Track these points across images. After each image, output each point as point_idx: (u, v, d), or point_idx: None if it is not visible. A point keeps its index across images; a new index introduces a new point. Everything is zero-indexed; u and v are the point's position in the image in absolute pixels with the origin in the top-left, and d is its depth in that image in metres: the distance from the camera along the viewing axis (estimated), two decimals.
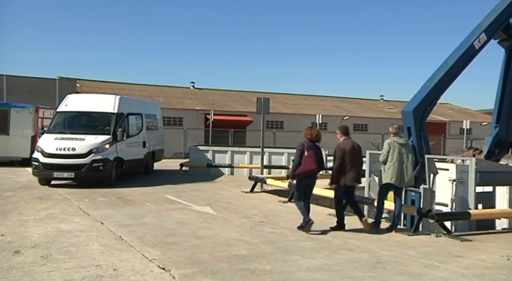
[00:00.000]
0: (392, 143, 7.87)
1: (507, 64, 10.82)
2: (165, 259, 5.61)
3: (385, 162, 7.90)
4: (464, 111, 46.86)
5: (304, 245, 6.45)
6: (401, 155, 7.81)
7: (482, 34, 9.65)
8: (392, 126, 8.18)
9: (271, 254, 5.94)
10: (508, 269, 5.46)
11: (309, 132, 7.95)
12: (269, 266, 5.38)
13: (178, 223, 7.95)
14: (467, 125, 29.08)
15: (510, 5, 10.07)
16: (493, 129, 11.15)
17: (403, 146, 7.91)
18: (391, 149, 7.83)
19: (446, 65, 9.61)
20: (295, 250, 6.16)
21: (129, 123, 13.70)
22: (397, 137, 8.00)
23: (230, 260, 5.58)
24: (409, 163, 7.90)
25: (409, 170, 7.88)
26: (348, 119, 36.61)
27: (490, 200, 8.64)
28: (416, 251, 6.28)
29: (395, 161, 7.76)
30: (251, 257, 5.77)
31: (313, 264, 5.50)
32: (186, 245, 6.31)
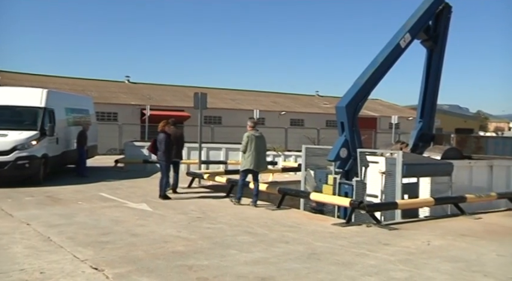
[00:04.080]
0: (250, 136, 9.36)
1: (428, 63, 11.59)
2: (98, 258, 5.41)
3: (245, 151, 9.37)
4: (393, 107, 49.43)
5: (242, 240, 6.51)
6: (257, 146, 9.33)
7: (407, 34, 10.26)
8: (251, 121, 9.70)
9: (209, 249, 5.93)
10: (428, 254, 5.87)
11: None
12: (207, 261, 5.37)
13: (113, 221, 7.69)
14: (396, 120, 30.72)
15: (429, 9, 10.82)
16: (417, 123, 11.90)
17: (259, 139, 9.42)
18: (249, 141, 9.31)
19: (376, 62, 10.10)
20: (233, 245, 6.20)
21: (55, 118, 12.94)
22: (254, 131, 9.49)
23: (167, 257, 5.50)
24: (263, 152, 9.62)
25: (263, 158, 9.64)
26: (285, 114, 37.30)
27: (415, 191, 9.22)
28: (349, 241, 6.55)
29: (253, 150, 9.27)
30: (188, 253, 5.72)
31: (250, 258, 5.57)
32: (121, 244, 6.12)
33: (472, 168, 10.61)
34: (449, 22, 11.50)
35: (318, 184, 10.41)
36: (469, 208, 9.02)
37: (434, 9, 11.08)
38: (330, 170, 10.17)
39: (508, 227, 7.80)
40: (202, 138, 13.87)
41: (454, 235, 7.07)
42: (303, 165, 11.09)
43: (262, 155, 9.50)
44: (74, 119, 14.85)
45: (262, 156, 9.54)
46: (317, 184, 10.46)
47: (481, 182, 10.54)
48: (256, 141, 9.34)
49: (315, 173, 10.70)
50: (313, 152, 11.11)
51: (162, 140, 10.15)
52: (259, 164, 9.40)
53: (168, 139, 10.20)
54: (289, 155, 20.19)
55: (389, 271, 5.08)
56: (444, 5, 11.26)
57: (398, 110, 45.50)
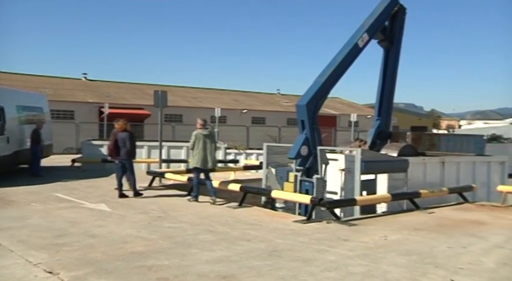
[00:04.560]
0: (198, 134, 9.52)
1: (385, 63, 11.95)
2: (53, 261, 5.21)
3: (193, 149, 9.56)
4: (352, 105, 50.55)
5: (204, 238, 6.47)
6: (205, 144, 9.49)
7: (364, 34, 10.53)
8: (199, 120, 9.77)
9: (170, 249, 5.86)
10: (385, 248, 6.05)
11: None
12: (167, 261, 5.30)
13: (69, 222, 7.44)
14: (355, 118, 31.46)
15: (385, 10, 11.15)
16: (375, 122, 12.24)
17: (207, 137, 9.57)
18: (197, 140, 9.50)
19: (335, 61, 10.29)
20: (194, 244, 6.15)
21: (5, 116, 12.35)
22: (202, 129, 9.61)
23: (126, 258, 5.39)
24: (212, 150, 9.67)
25: (212, 156, 9.67)
26: (247, 113, 37.37)
27: (373, 187, 9.49)
28: (310, 238, 6.65)
29: (201, 149, 9.44)
30: (148, 253, 5.63)
31: (212, 256, 5.54)
32: (78, 246, 5.94)
33: (426, 164, 11.02)
34: (404, 23, 11.89)
35: (279, 182, 10.50)
36: (423, 202, 9.37)
37: (390, 11, 11.43)
38: (291, 168, 10.28)
39: (457, 220, 8.16)
40: (163, 136, 13.68)
41: (409, 229, 7.32)
42: (264, 163, 11.15)
43: (210, 153, 9.63)
44: (26, 117, 14.23)
45: (211, 154, 9.65)
46: (278, 181, 10.55)
47: (434, 177, 10.98)
48: (205, 139, 9.51)
49: (276, 171, 10.78)
50: (275, 150, 11.19)
51: (127, 139, 10.03)
52: (206, 162, 9.57)
53: (132, 137, 10.16)
54: (251, 153, 20.26)
55: (348, 266, 5.20)
56: (399, 7, 11.62)
57: (358, 109, 46.57)
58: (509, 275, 4.97)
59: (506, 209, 9.48)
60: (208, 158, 9.58)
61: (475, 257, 5.68)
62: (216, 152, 9.95)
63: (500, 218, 8.47)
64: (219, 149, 18.66)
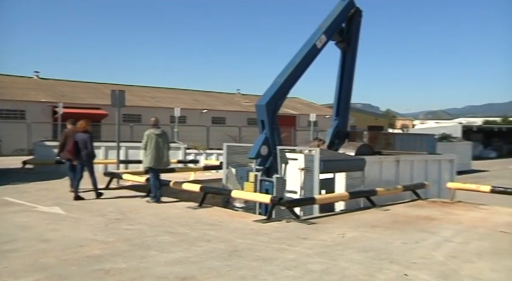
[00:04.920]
0: (150, 134, 9.54)
1: (342, 64, 12.20)
2: (0, 269, 4.97)
3: (146, 149, 9.55)
4: (311, 106, 51.33)
5: (163, 240, 6.37)
6: (158, 144, 9.52)
7: (322, 35, 10.71)
8: (151, 120, 9.89)
9: (128, 251, 5.73)
10: (343, 245, 6.19)
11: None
12: (125, 264, 5.18)
13: (19, 227, 7.12)
14: (314, 118, 31.93)
15: (342, 12, 11.40)
16: (333, 121, 12.47)
17: (160, 136, 9.61)
18: (149, 139, 9.52)
19: (294, 61, 10.41)
20: (153, 246, 6.04)
21: None
22: (155, 129, 9.65)
23: (81, 262, 5.22)
24: (165, 150, 9.69)
25: (165, 155, 9.70)
26: (207, 113, 37.16)
27: (331, 186, 9.68)
28: (269, 237, 6.69)
29: (154, 148, 9.48)
30: (105, 256, 5.48)
31: (171, 258, 5.47)
32: (29, 251, 5.69)
33: (382, 163, 11.36)
34: (360, 25, 12.19)
35: (239, 182, 10.50)
36: (379, 200, 9.65)
37: (347, 13, 11.69)
38: (251, 168, 10.31)
39: (411, 217, 8.46)
40: (121, 137, 13.36)
41: (366, 226, 7.52)
42: (224, 163, 11.12)
43: (163, 152, 9.67)
44: None
45: (163, 153, 9.69)
46: (238, 181, 10.55)
47: (389, 175, 11.33)
48: (157, 139, 9.55)
49: (236, 171, 10.77)
50: (235, 150, 11.18)
51: (88, 140, 9.85)
52: (159, 161, 9.60)
53: (92, 139, 10.00)
54: (211, 153, 20.16)
55: (307, 264, 5.28)
56: (355, 9, 11.91)
57: (317, 109, 47.33)
58: (457, 268, 5.20)
59: (455, 205, 9.92)
60: (161, 158, 9.62)
61: (426, 251, 5.91)
62: (168, 151, 9.98)
63: (450, 213, 8.86)
64: (178, 149, 18.47)
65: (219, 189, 10.48)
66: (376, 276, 4.88)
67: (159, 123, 10.05)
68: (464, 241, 6.53)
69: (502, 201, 10.76)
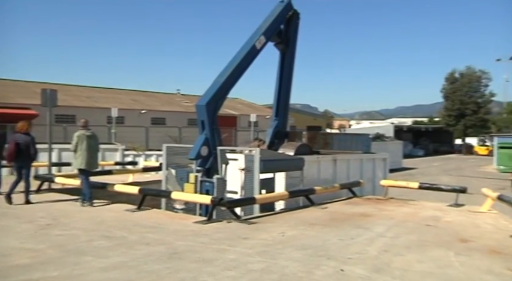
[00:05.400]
0: (80, 135, 9.42)
1: (281, 65, 12.42)
2: None
3: (76, 151, 9.43)
4: (252, 106, 51.76)
5: (98, 245, 6.13)
6: (88, 145, 9.42)
7: (261, 36, 10.83)
8: (81, 121, 9.78)
9: (59, 258, 5.45)
10: (282, 244, 6.29)
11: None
12: (56, 272, 4.92)
13: None
14: (254, 118, 32.22)
15: (280, 14, 11.61)
16: (273, 122, 12.64)
17: (90, 138, 9.52)
18: (80, 140, 9.40)
19: (234, 62, 10.43)
20: (88, 251, 5.80)
21: None
22: (85, 130, 9.53)
23: (7, 273, 4.88)
24: (95, 151, 9.69)
25: (95, 157, 9.69)
26: (146, 113, 36.30)
27: (271, 185, 9.81)
28: (210, 238, 6.66)
29: (84, 150, 9.37)
30: (35, 265, 5.17)
31: (107, 263, 5.27)
32: None
33: (320, 162, 11.69)
34: (298, 27, 12.47)
35: (179, 183, 10.35)
36: (317, 198, 9.92)
37: (285, 15, 11.91)
38: (191, 169, 10.20)
39: (347, 214, 8.79)
40: (54, 138, 12.69)
41: (305, 224, 7.70)
42: (164, 164, 10.91)
43: (93, 154, 9.61)
44: None
45: (94, 155, 9.65)
46: (178, 182, 10.40)
47: (327, 174, 11.69)
48: (87, 140, 9.43)
49: (176, 172, 10.61)
50: (175, 150, 11.00)
51: (30, 142, 9.40)
52: (90, 163, 9.50)
53: (34, 140, 9.60)
54: (151, 154, 19.73)
55: (248, 264, 5.31)
56: (293, 12, 12.17)
57: (257, 109, 47.80)
58: (388, 261, 5.47)
59: (388, 202, 10.44)
60: (92, 160, 9.54)
61: (361, 247, 6.16)
62: (98, 153, 9.95)
63: (383, 210, 9.30)
64: (116, 150, 17.89)
65: (159, 191, 10.27)
66: (314, 272, 5.02)
67: (89, 125, 9.76)
68: (395, 236, 6.88)
69: (428, 196, 11.49)
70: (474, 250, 6.02)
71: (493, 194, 8.98)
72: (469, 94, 63.59)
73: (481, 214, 8.77)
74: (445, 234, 7.01)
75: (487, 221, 8.06)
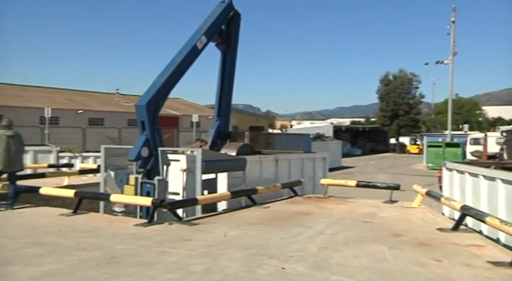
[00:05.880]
0: (0, 135, 9.12)
1: (223, 65, 12.42)
2: None
3: None
4: (194, 106, 51.33)
5: (29, 253, 5.79)
6: (9, 146, 9.13)
7: (202, 36, 10.77)
8: (3, 120, 9.46)
9: None
10: (225, 245, 6.29)
11: None
12: None
13: None
14: (196, 119, 32.02)
15: (221, 14, 11.61)
16: (215, 122, 12.60)
17: (12, 138, 9.23)
18: (0, 141, 9.08)
19: (175, 62, 10.29)
20: (17, 260, 5.45)
21: None
22: (6, 130, 9.24)
23: None
24: (17, 152, 9.37)
25: (17, 158, 9.39)
26: (83, 113, 34.86)
27: (213, 186, 9.78)
28: (151, 240, 6.51)
29: (4, 150, 9.06)
30: None
31: (38, 272, 4.99)
32: None
33: (262, 162, 11.80)
34: (239, 28, 12.52)
35: (118, 185, 10.04)
36: (260, 198, 10.02)
37: (226, 15, 11.91)
38: (131, 170, 9.93)
39: (289, 213, 8.95)
40: None
41: (247, 224, 7.75)
42: (102, 166, 10.53)
43: (16, 155, 9.31)
44: None
45: (16, 156, 9.35)
46: (118, 185, 10.09)
47: (269, 174, 11.83)
48: (8, 140, 9.16)
49: (115, 174, 10.28)
50: (114, 152, 10.66)
51: None
52: (11, 164, 9.20)
53: None
54: (88, 156, 18.95)
55: (190, 266, 5.26)
56: (234, 12, 12.20)
57: (199, 109, 47.47)
58: (327, 257, 5.64)
59: (327, 200, 10.76)
60: (14, 161, 9.23)
61: (302, 245, 6.31)
62: (23, 155, 9.71)
63: (323, 208, 9.58)
64: (50, 152, 17.00)
65: (96, 193, 9.90)
66: (256, 272, 5.06)
67: (20, 125, 9.28)
68: (334, 233, 7.11)
69: (365, 194, 11.99)
70: (405, 244, 6.36)
71: (422, 190, 9.52)
72: (402, 96, 67.02)
73: (412, 209, 9.27)
74: (380, 229, 7.34)
75: (417, 215, 8.54)
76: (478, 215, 6.85)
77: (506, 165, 10.39)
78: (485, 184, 8.25)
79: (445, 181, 10.80)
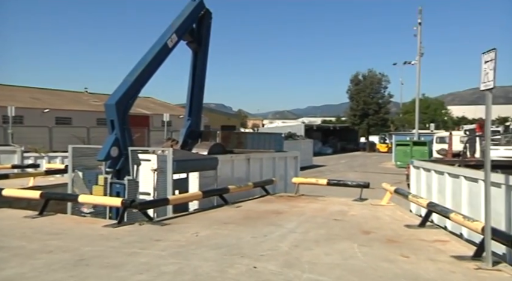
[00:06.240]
0: None
1: (194, 64, 12.32)
2: None
3: None
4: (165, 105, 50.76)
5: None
6: None
7: (173, 35, 10.66)
8: None
9: None
10: (196, 244, 6.25)
11: None
12: None
13: None
14: (168, 118, 31.68)
15: (192, 12, 11.53)
16: (186, 121, 12.50)
17: None
18: None
19: (145, 60, 10.15)
20: None
21: None
22: None
23: None
24: None
25: None
26: (49, 112, 33.91)
27: (185, 186, 9.70)
28: (121, 241, 6.40)
29: None
30: None
31: (0, 277, 4.83)
32: None
33: (234, 161, 11.79)
34: (211, 27, 12.46)
35: (87, 186, 9.84)
36: (231, 197, 10.00)
37: (197, 13, 11.83)
38: (100, 171, 9.74)
39: (260, 212, 8.97)
40: None
41: (219, 224, 7.72)
42: (70, 166, 10.29)
43: None
44: None
45: None
46: (86, 185, 9.89)
47: (241, 173, 11.83)
48: None
49: (83, 174, 10.07)
50: (82, 152, 10.44)
51: None
52: None
53: None
54: (55, 156, 18.49)
55: (160, 266, 5.20)
56: (205, 10, 12.13)
57: (170, 108, 46.97)
58: (299, 256, 5.69)
59: (299, 198, 10.86)
60: None
61: (273, 243, 6.34)
62: None
63: (294, 206, 9.65)
64: (14, 153, 16.47)
65: (64, 194, 9.66)
66: (227, 271, 5.05)
67: None
68: (305, 231, 7.18)
69: (336, 192, 12.15)
70: (374, 241, 6.48)
71: (391, 188, 9.74)
72: (371, 95, 68.35)
73: (381, 206, 9.47)
74: (350, 227, 7.46)
75: (386, 213, 8.73)
76: (443, 212, 7.07)
77: (469, 162, 10.74)
78: (450, 181, 8.51)
79: (413, 178, 11.08)
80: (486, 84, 5.30)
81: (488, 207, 5.35)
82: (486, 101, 5.42)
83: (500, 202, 6.33)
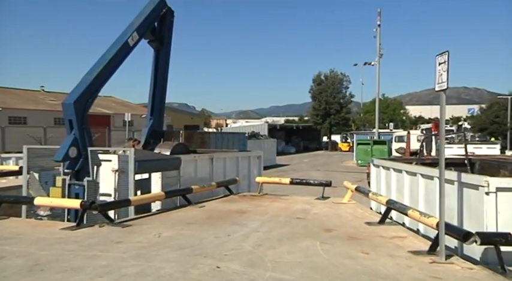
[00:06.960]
0: None
1: (156, 63, 12.13)
2: None
3: None
4: (127, 105, 49.71)
5: None
6: None
7: (134, 33, 10.45)
8: None
9: None
10: (158, 246, 6.17)
11: None
12: None
13: None
14: (129, 118, 31.07)
15: (154, 10, 11.35)
16: (148, 121, 12.30)
17: None
18: None
19: (105, 59, 9.90)
20: None
21: None
22: None
23: None
24: None
25: None
26: (2, 111, 32.48)
27: (147, 186, 9.54)
28: (80, 244, 6.23)
29: None
30: None
31: None
32: None
33: (197, 161, 11.70)
34: (173, 25, 12.29)
35: (43, 187, 9.49)
36: (195, 197, 9.93)
37: (159, 12, 11.65)
38: (58, 171, 9.43)
39: (224, 212, 8.96)
40: None
41: (182, 224, 7.65)
42: (24, 168, 9.89)
43: None
44: None
45: None
46: (43, 187, 9.54)
47: (204, 173, 11.75)
48: None
49: (39, 175, 9.71)
50: (38, 152, 10.07)
51: None
52: None
53: None
54: (8, 157, 17.73)
55: (121, 269, 5.09)
56: (167, 9, 11.96)
57: (132, 108, 46.05)
58: (262, 255, 5.72)
59: (262, 198, 10.91)
60: None
61: (237, 243, 6.34)
62: None
63: (258, 205, 9.69)
64: None
65: (17, 197, 9.28)
66: (190, 272, 5.01)
67: None
68: (268, 230, 7.22)
69: (299, 191, 12.30)
70: (336, 238, 6.61)
71: (352, 186, 9.95)
72: (333, 95, 69.52)
73: (342, 204, 9.66)
74: (312, 225, 7.57)
75: (347, 211, 8.92)
76: (401, 209, 7.31)
77: (425, 160, 11.13)
78: (407, 179, 8.79)
79: (373, 176, 11.37)
80: (440, 85, 5.52)
81: (443, 203, 5.57)
82: (440, 102, 5.64)
83: (454, 198, 6.60)
